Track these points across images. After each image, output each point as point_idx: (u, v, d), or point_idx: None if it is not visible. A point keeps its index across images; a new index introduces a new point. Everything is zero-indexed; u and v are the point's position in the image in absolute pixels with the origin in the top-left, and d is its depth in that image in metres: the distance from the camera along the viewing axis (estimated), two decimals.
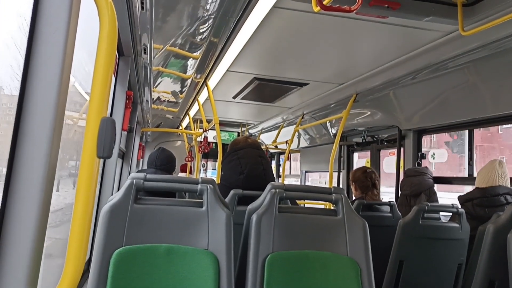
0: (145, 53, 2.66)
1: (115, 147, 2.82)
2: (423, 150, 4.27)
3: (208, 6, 2.20)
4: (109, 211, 1.66)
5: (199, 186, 1.77)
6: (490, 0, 2.18)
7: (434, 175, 3.93)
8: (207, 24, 2.48)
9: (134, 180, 1.73)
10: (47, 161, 1.03)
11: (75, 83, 2.50)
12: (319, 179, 8.23)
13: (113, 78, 2.80)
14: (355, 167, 5.87)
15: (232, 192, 2.37)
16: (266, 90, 4.56)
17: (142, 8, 1.97)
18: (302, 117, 5.54)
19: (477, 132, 3.08)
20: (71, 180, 2.75)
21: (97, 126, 1.00)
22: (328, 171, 4.35)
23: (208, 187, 1.77)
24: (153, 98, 4.72)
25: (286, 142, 6.24)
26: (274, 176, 3.95)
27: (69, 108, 2.55)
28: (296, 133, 6.05)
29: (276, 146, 7.28)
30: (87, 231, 1.07)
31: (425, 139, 4.35)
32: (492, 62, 2.80)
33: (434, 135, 3.95)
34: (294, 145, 7.05)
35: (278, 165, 8.91)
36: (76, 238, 1.08)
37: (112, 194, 2.83)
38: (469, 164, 3.96)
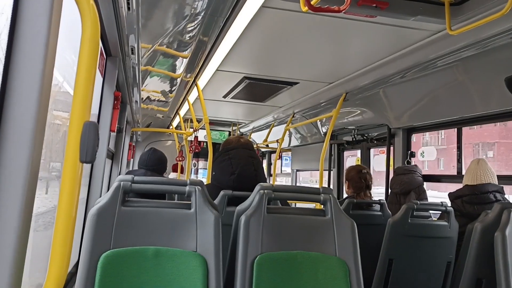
0: (132, 53, 2.64)
1: (103, 149, 2.80)
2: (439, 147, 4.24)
3: (196, 4, 2.19)
4: (96, 214, 1.65)
5: (187, 188, 1.76)
6: None
7: (427, 173, 3.96)
8: (195, 22, 2.46)
9: (122, 183, 1.71)
10: (29, 163, 1.01)
11: (64, 83, 2.48)
12: (310, 178, 8.25)
13: (101, 79, 2.77)
14: (345, 165, 5.89)
15: (222, 193, 2.36)
16: (256, 90, 4.55)
17: (129, 8, 1.95)
18: (293, 116, 5.54)
19: (494, 129, 3.00)
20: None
21: (79, 130, 0.98)
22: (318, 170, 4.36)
23: (197, 189, 1.76)
24: (142, 98, 4.69)
25: (277, 141, 6.25)
26: (266, 176, 3.95)
27: (59, 108, 2.53)
28: (287, 132, 6.05)
29: (267, 145, 7.28)
30: (70, 236, 1.06)
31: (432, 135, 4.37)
32: (480, 60, 2.82)
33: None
34: (285, 144, 7.05)
35: (269, 164, 8.91)
36: (59, 244, 1.07)
37: (100, 196, 2.81)
38: (458, 161, 3.99)
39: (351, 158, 6.07)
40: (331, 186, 5.94)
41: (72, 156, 1.00)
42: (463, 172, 3.66)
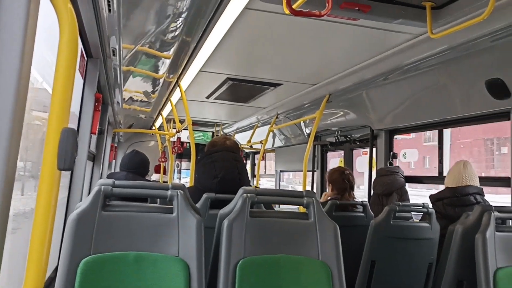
0: (114, 54, 2.60)
1: (83, 152, 2.76)
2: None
3: (178, 5, 2.17)
4: (76, 219, 1.62)
5: (169, 192, 1.74)
6: (458, 3, 2.21)
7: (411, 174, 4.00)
8: (178, 23, 2.44)
9: (102, 187, 1.68)
10: (5, 165, 0.98)
11: (43, 83, 2.43)
12: (293, 179, 8.27)
13: (81, 81, 2.73)
14: (329, 166, 5.92)
15: (204, 196, 2.34)
16: (240, 90, 4.54)
17: (109, 10, 1.92)
18: (277, 117, 5.54)
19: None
20: None
21: (57, 137, 0.96)
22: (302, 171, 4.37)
23: (179, 193, 1.74)
24: (124, 99, 4.64)
25: (261, 142, 6.24)
26: (250, 179, 3.94)
27: (40, 109, 2.47)
28: (271, 133, 6.05)
29: (251, 146, 7.27)
30: (48, 242, 1.03)
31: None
32: (461, 64, 2.85)
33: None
34: (269, 145, 7.05)
35: (253, 165, 8.90)
36: (36, 249, 1.04)
37: (81, 199, 2.77)
38: (439, 162, 4.03)
39: (335, 159, 6.10)
40: (315, 187, 5.96)
41: (50, 163, 0.97)
42: (445, 173, 3.71)
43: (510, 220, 2.61)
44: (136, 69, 3.49)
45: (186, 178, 8.87)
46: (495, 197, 3.85)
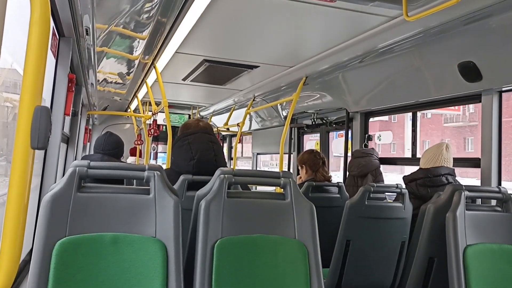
0: (87, 34, 2.54)
1: (56, 133, 2.71)
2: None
3: None
4: (50, 200, 1.60)
5: (145, 173, 1.73)
6: None
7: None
8: (153, 2, 2.39)
9: (77, 168, 1.66)
10: None
11: (14, 63, 2.37)
12: (270, 161, 8.31)
13: (54, 61, 2.66)
14: (305, 148, 5.97)
15: (181, 177, 2.34)
16: (216, 73, 4.50)
17: None
18: (254, 100, 5.54)
19: None
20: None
21: (30, 116, 0.94)
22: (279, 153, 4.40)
23: (155, 174, 1.73)
24: (98, 80, 4.55)
25: (238, 124, 6.24)
26: (226, 160, 3.95)
27: (10, 90, 2.41)
28: (248, 116, 6.05)
29: (228, 129, 7.26)
30: (22, 224, 1.02)
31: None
32: (435, 46, 2.90)
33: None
34: (245, 128, 7.05)
35: (230, 148, 8.90)
36: (10, 232, 1.03)
37: (55, 182, 2.72)
38: (412, 144, 4.11)
39: (311, 142, 6.15)
40: (291, 169, 6.01)
41: (23, 142, 0.95)
42: (418, 155, 3.79)
43: (480, 199, 2.70)
44: (111, 49, 3.42)
45: (163, 164, 8.81)
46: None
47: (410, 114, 4.00)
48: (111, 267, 1.63)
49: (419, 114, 4.03)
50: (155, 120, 5.80)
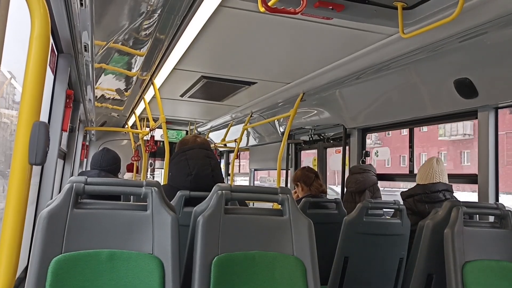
0: (86, 50, 2.56)
1: (54, 149, 2.70)
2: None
3: (152, 1, 2.15)
4: (47, 217, 1.58)
5: (143, 189, 1.72)
6: (428, 4, 2.27)
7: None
8: (152, 20, 2.41)
9: (74, 184, 1.65)
10: None
11: (13, 80, 2.38)
12: (267, 177, 8.30)
13: (52, 77, 2.67)
14: (302, 164, 5.97)
15: (179, 193, 2.33)
16: (214, 89, 4.53)
17: (81, 4, 1.88)
18: (251, 116, 5.55)
19: None
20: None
21: (29, 131, 0.94)
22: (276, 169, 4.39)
23: (153, 190, 1.72)
24: (96, 96, 4.56)
25: (235, 140, 6.24)
26: (223, 176, 3.94)
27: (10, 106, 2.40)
28: (245, 132, 6.06)
29: (225, 145, 7.26)
30: (19, 240, 1.01)
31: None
32: (431, 63, 2.92)
33: None
34: (243, 144, 7.06)
35: (227, 164, 8.89)
36: (6, 248, 1.02)
37: (52, 198, 2.71)
38: (410, 161, 4.12)
39: (308, 158, 6.15)
40: (289, 185, 6.00)
41: (21, 157, 0.95)
42: (415, 171, 3.79)
43: (477, 215, 2.70)
44: (109, 66, 3.44)
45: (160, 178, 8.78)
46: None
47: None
48: (107, 284, 1.61)
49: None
50: (152, 136, 5.80)
